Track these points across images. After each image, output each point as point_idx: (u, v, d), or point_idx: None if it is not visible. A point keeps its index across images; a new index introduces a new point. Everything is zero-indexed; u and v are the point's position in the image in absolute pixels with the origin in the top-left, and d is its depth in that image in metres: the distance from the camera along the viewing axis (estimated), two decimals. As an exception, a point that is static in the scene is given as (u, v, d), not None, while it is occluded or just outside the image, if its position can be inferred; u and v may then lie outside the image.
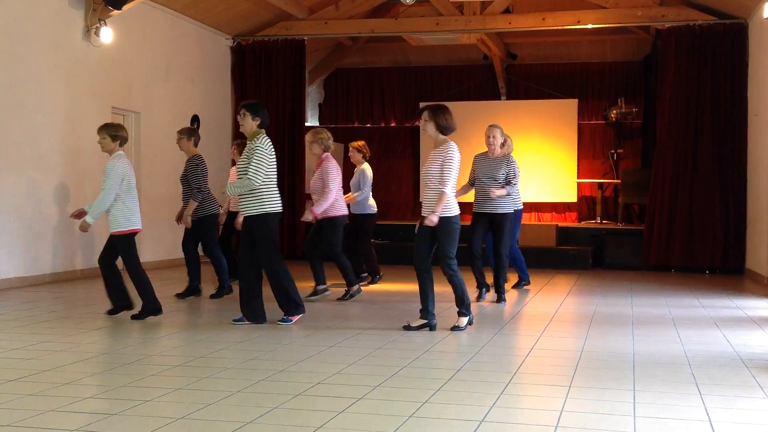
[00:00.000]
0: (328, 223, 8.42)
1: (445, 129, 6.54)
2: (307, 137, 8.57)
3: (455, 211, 6.53)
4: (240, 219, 8.12)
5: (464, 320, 6.68)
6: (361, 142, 9.71)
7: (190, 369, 5.14)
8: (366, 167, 9.55)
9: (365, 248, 9.79)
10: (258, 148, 6.63)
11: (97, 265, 7.20)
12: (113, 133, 7.04)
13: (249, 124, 6.75)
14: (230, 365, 5.25)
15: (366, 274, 9.97)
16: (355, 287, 8.64)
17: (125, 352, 5.83)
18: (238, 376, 4.95)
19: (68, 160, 10.24)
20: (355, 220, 9.62)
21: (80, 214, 7.12)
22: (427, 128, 6.56)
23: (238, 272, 7.04)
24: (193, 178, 8.33)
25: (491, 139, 8.49)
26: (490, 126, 8.67)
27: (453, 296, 6.72)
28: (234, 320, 6.91)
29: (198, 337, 6.35)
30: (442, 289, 7.24)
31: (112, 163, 6.92)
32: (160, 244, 11.96)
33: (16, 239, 9.43)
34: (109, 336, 6.38)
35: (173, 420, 3.94)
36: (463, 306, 6.68)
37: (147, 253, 11.36)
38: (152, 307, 7.08)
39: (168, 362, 5.39)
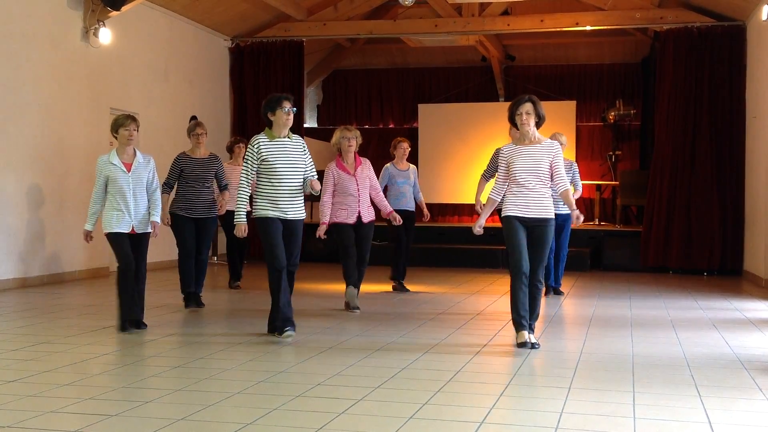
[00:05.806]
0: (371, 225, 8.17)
1: (542, 121, 5.89)
2: (349, 134, 8.06)
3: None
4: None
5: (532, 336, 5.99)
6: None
7: (189, 370, 5.14)
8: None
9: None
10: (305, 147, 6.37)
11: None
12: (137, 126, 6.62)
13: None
14: (229, 367, 5.24)
15: None
16: None
17: (124, 353, 5.82)
18: (237, 377, 4.95)
19: (66, 160, 10.22)
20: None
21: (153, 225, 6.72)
22: (530, 121, 5.82)
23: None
24: (222, 174, 8.29)
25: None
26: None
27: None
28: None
29: (196, 339, 6.35)
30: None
31: (152, 161, 6.65)
32: (155, 246, 11.85)
33: (13, 240, 9.41)
34: (108, 338, 6.36)
35: (173, 421, 3.94)
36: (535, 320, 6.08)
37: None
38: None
39: (167, 363, 5.39)
